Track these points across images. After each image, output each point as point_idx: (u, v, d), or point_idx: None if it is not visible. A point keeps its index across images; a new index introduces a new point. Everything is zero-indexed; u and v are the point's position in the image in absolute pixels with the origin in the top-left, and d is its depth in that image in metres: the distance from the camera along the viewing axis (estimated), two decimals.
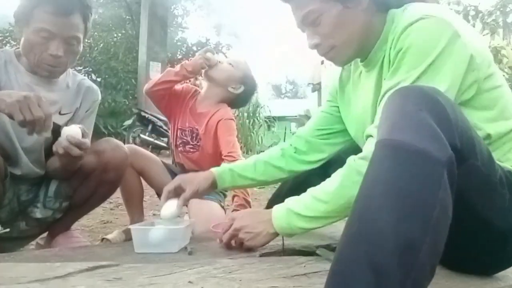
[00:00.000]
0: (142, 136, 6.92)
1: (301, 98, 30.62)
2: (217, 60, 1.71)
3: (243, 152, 6.44)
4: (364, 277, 0.58)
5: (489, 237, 0.83)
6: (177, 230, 1.13)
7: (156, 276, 0.82)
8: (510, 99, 0.93)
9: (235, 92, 1.73)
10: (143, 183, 1.68)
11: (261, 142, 7.79)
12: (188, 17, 15.88)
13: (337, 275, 0.63)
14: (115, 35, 11.09)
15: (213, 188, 1.25)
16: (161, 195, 1.77)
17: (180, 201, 1.18)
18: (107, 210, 2.39)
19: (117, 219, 2.19)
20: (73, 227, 1.52)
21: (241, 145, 6.83)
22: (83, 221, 1.98)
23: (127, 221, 1.66)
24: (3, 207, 1.26)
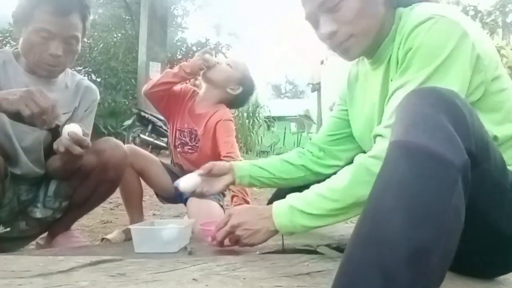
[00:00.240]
0: (142, 136, 6.91)
1: (301, 98, 30.60)
2: (215, 61, 1.70)
3: (243, 152, 6.45)
4: (374, 280, 0.58)
5: (496, 241, 0.82)
6: (183, 229, 1.14)
7: (160, 273, 0.82)
8: None
9: (233, 93, 1.73)
10: (142, 183, 1.68)
11: (261, 142, 7.79)
12: (188, 17, 15.87)
13: (346, 275, 0.63)
14: (115, 35, 11.08)
15: (229, 179, 1.24)
16: (160, 195, 1.79)
17: (197, 173, 1.19)
18: (107, 210, 2.39)
19: (117, 219, 2.19)
20: (73, 227, 1.53)
21: (241, 145, 6.83)
22: (83, 221, 1.98)
23: (127, 221, 1.66)
24: (3, 207, 1.27)
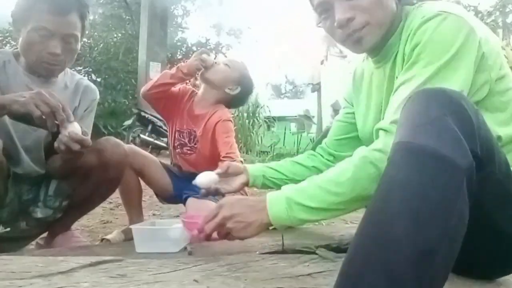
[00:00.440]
0: (142, 136, 6.91)
1: (301, 98, 30.59)
2: (212, 61, 1.70)
3: (243, 152, 6.44)
4: (378, 282, 0.58)
5: (498, 242, 0.82)
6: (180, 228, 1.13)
7: (161, 274, 0.82)
8: None
9: (232, 93, 1.73)
10: (142, 183, 1.68)
11: (261, 142, 7.77)
12: (188, 17, 15.91)
13: (349, 277, 0.62)
14: (115, 35, 11.09)
15: (244, 179, 1.24)
16: (159, 195, 1.79)
17: (214, 171, 1.20)
18: (107, 210, 2.39)
19: (117, 219, 2.18)
20: (73, 227, 1.52)
21: (241, 145, 6.82)
22: (83, 221, 1.98)
23: (127, 221, 1.66)
24: (4, 207, 1.27)
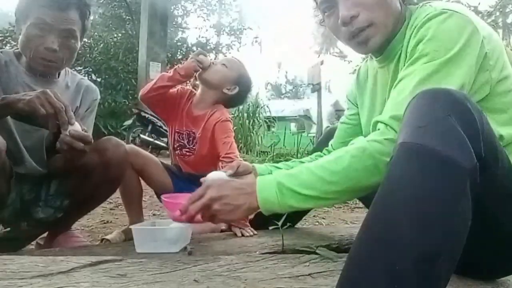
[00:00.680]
0: (142, 136, 6.91)
1: (301, 98, 30.59)
2: (209, 61, 1.68)
3: (243, 152, 6.43)
4: (380, 282, 0.58)
5: (501, 244, 0.82)
6: (185, 229, 1.14)
7: (161, 273, 0.82)
8: None
9: (230, 93, 1.72)
10: (142, 183, 1.68)
11: (261, 142, 7.76)
12: (188, 17, 15.92)
13: (351, 277, 0.63)
14: (115, 35, 11.09)
15: (252, 178, 1.23)
16: (160, 195, 1.78)
17: (224, 170, 1.20)
18: (107, 210, 2.39)
19: (117, 219, 2.18)
20: (73, 227, 1.53)
21: (241, 145, 6.82)
22: (83, 221, 1.98)
23: (127, 221, 1.66)
24: (6, 207, 1.27)
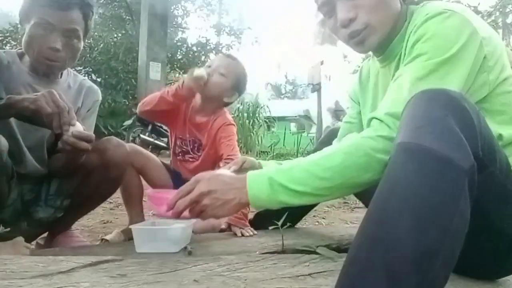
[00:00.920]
0: (142, 136, 6.91)
1: (301, 98, 30.57)
2: (205, 76, 1.58)
3: (243, 153, 6.44)
4: (379, 282, 0.58)
5: (500, 243, 0.82)
6: (185, 228, 1.15)
7: (161, 273, 0.82)
8: None
9: (230, 100, 1.71)
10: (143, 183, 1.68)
11: (261, 142, 7.77)
12: (188, 17, 15.91)
13: (350, 277, 0.63)
14: (115, 35, 11.09)
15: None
16: None
17: (229, 167, 1.19)
18: (107, 210, 2.39)
19: (117, 219, 2.18)
20: (73, 227, 1.53)
21: (241, 146, 6.82)
22: (83, 221, 1.98)
23: (127, 221, 1.66)
24: (7, 208, 1.27)
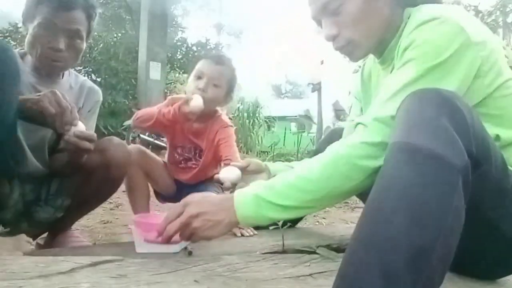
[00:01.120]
0: (142, 136, 6.90)
1: (301, 98, 30.59)
2: (203, 103, 1.48)
3: (243, 152, 6.44)
4: (375, 281, 0.59)
5: (498, 243, 0.82)
6: None
7: (161, 274, 0.82)
8: None
9: (226, 104, 1.70)
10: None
11: (261, 142, 7.77)
12: (188, 17, 15.95)
13: (347, 276, 0.63)
14: (115, 35, 11.08)
15: (266, 177, 1.24)
16: (161, 195, 1.79)
17: (237, 167, 1.22)
18: (107, 210, 2.39)
19: (117, 219, 2.18)
20: (73, 227, 1.52)
21: (241, 145, 6.83)
22: (83, 221, 1.98)
23: (127, 221, 1.66)
24: (8, 208, 1.26)
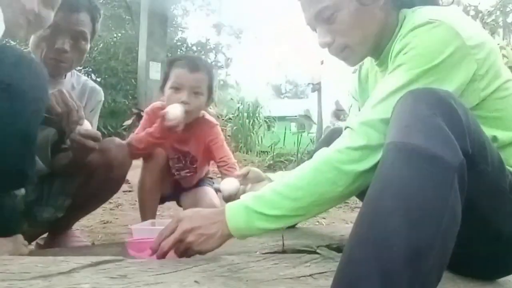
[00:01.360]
0: None
1: (301, 98, 30.60)
2: (181, 114, 1.42)
3: (243, 152, 6.43)
4: (372, 280, 0.59)
5: (496, 242, 0.82)
6: None
7: (162, 274, 0.81)
8: None
9: (207, 108, 1.68)
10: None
11: (261, 142, 7.75)
12: (188, 17, 15.94)
13: (345, 276, 0.63)
14: (115, 35, 11.08)
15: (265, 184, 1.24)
16: (161, 198, 1.79)
17: (236, 177, 1.24)
18: (107, 210, 2.39)
19: (117, 219, 2.18)
20: (73, 227, 1.53)
21: (241, 145, 6.82)
22: (83, 221, 1.98)
23: (127, 221, 1.66)
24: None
